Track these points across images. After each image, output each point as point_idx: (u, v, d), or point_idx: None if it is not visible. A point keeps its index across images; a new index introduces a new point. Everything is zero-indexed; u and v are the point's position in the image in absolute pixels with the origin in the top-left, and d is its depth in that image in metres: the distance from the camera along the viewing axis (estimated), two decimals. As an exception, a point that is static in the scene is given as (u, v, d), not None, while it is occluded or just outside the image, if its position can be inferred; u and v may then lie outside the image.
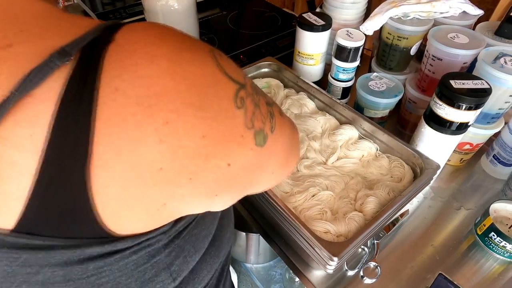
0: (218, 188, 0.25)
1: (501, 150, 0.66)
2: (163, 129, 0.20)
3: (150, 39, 0.22)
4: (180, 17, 0.76)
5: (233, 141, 0.24)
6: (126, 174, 0.21)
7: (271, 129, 0.28)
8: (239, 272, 1.09)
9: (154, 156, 0.21)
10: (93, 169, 0.20)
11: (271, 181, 0.35)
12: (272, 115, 0.29)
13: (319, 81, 0.88)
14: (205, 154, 0.22)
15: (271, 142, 0.28)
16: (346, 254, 0.45)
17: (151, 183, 0.21)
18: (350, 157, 0.63)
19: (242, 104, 0.24)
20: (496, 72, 0.56)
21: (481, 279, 0.55)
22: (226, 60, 0.25)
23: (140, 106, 0.20)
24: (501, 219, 0.59)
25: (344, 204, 0.55)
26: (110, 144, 0.20)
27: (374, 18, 0.72)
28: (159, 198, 0.23)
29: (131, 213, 0.23)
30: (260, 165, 0.29)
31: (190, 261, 0.32)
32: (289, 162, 0.36)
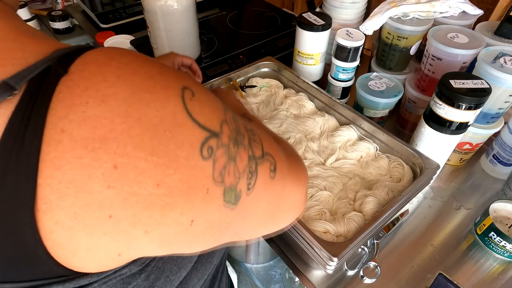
0: (179, 244, 0.23)
1: (501, 150, 0.66)
2: (112, 174, 0.19)
3: (104, 76, 0.19)
4: (180, 17, 0.76)
5: (196, 195, 0.21)
6: (69, 220, 0.19)
7: (249, 186, 0.25)
8: (239, 272, 1.09)
9: (102, 202, 0.19)
10: (38, 212, 0.19)
11: (253, 235, 0.32)
12: (252, 172, 0.25)
13: (319, 81, 0.88)
14: (161, 205, 0.20)
15: (247, 201, 0.25)
16: (345, 254, 0.45)
17: (100, 232, 0.20)
18: (349, 158, 0.63)
19: (210, 154, 0.22)
20: (496, 71, 0.56)
21: (481, 278, 0.55)
22: (200, 102, 0.22)
23: (86, 149, 0.18)
24: (500, 219, 0.59)
25: (343, 204, 0.55)
26: (53, 188, 0.18)
27: (374, 18, 0.72)
28: (112, 249, 0.21)
29: (83, 261, 0.21)
30: (233, 225, 0.26)
31: (175, 278, 0.30)
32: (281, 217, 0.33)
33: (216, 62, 0.88)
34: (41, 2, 1.23)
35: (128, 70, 0.20)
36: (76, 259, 0.21)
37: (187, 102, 0.21)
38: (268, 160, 0.28)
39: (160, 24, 0.76)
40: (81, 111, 0.19)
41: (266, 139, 0.30)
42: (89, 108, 0.19)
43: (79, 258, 0.21)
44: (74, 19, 1.10)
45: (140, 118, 0.19)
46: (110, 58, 0.21)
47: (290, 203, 0.34)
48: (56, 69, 0.19)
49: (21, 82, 0.19)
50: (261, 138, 0.29)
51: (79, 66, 0.20)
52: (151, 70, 0.21)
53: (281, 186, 0.31)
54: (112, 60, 0.20)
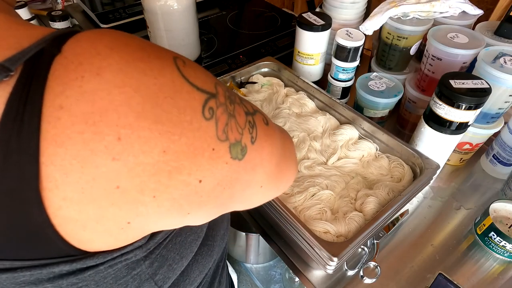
0: (190, 206, 0.23)
1: (501, 150, 0.66)
2: (116, 146, 0.19)
3: (97, 49, 0.20)
4: (180, 17, 0.76)
5: (202, 155, 0.22)
6: (77, 195, 0.19)
7: (251, 140, 0.26)
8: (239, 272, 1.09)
9: (108, 175, 0.19)
10: (43, 191, 0.19)
11: (262, 195, 0.33)
12: (252, 125, 0.27)
13: (318, 81, 0.88)
14: (168, 170, 0.20)
15: (252, 154, 0.26)
16: (346, 254, 0.45)
17: (108, 203, 0.20)
18: (351, 157, 0.63)
19: (212, 115, 0.22)
20: (496, 71, 0.56)
21: (481, 278, 0.55)
22: (192, 68, 0.23)
23: (86, 123, 0.18)
24: (500, 219, 0.59)
25: (344, 203, 0.55)
26: (57, 165, 0.19)
27: (374, 18, 0.72)
28: (121, 217, 0.21)
29: (92, 234, 0.21)
30: (241, 179, 0.26)
31: (177, 267, 0.30)
32: (282, 173, 0.34)
33: (216, 62, 0.88)
34: (41, 2, 1.23)
35: (120, 43, 0.21)
36: (86, 232, 0.21)
37: (182, 68, 0.22)
38: (259, 114, 0.29)
39: (160, 24, 0.76)
40: (78, 86, 0.19)
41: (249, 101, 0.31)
42: (85, 82, 0.19)
43: (89, 231, 0.21)
44: (74, 19, 1.10)
45: (138, 87, 0.19)
46: (101, 34, 0.21)
47: (289, 154, 0.35)
48: (50, 50, 0.20)
49: (17, 63, 0.19)
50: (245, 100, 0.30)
51: (72, 44, 0.20)
52: (142, 43, 0.22)
53: (278, 134, 0.32)
54: (103, 35, 0.21)
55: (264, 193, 0.33)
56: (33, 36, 0.21)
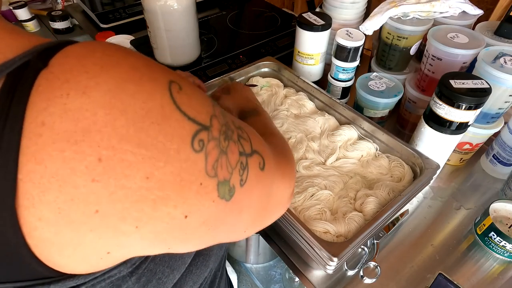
0: (173, 241, 0.22)
1: (501, 150, 0.66)
2: (97, 167, 0.18)
3: (86, 67, 0.19)
4: (180, 17, 0.76)
5: (189, 188, 0.21)
6: (54, 216, 0.18)
7: (241, 182, 0.25)
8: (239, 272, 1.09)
9: (87, 196, 0.18)
10: (19, 209, 0.18)
11: (246, 234, 0.32)
12: (244, 167, 0.25)
13: (318, 81, 0.88)
14: (152, 199, 0.20)
15: (240, 196, 0.25)
16: (345, 254, 0.45)
17: (86, 228, 0.19)
18: (349, 158, 0.63)
19: (201, 147, 0.21)
20: (496, 71, 0.56)
21: (481, 278, 0.55)
22: (188, 96, 0.22)
23: (68, 142, 0.18)
24: (500, 219, 0.59)
25: (343, 203, 0.55)
26: (35, 183, 0.18)
27: (374, 18, 0.72)
28: (100, 246, 0.20)
29: (70, 259, 0.20)
30: (227, 221, 0.25)
31: (168, 281, 0.29)
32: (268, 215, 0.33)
33: (216, 62, 0.88)
34: (41, 2, 1.23)
35: (112, 61, 0.20)
36: (62, 257, 0.20)
37: (175, 95, 0.21)
38: (257, 157, 0.28)
39: (160, 24, 0.76)
40: (62, 103, 0.18)
41: (255, 137, 0.30)
42: (70, 100, 0.18)
43: (65, 257, 0.20)
44: (74, 19, 1.10)
45: (125, 110, 0.19)
46: (92, 50, 0.20)
47: (278, 199, 0.34)
48: (36, 63, 0.19)
49: (0, 75, 0.18)
50: (250, 135, 0.29)
51: (60, 59, 0.19)
52: (136, 62, 0.21)
53: (270, 182, 0.31)
54: (94, 52, 0.20)
55: (248, 232, 0.32)
56: (19, 46, 0.20)
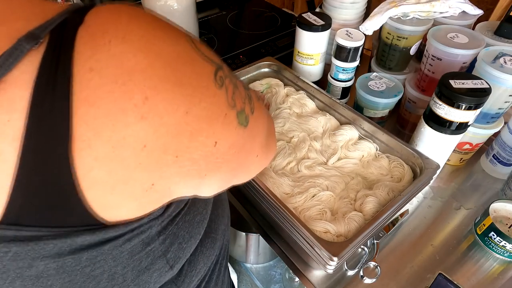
0: (207, 167, 0.25)
1: (501, 150, 0.66)
2: (143, 105, 0.20)
3: (120, 19, 0.21)
4: (180, 17, 0.76)
5: (218, 119, 0.24)
6: (109, 154, 0.20)
7: (251, 110, 0.29)
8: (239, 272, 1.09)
9: (137, 133, 0.20)
10: (75, 152, 0.19)
11: (257, 165, 0.36)
12: (250, 98, 0.29)
13: (318, 81, 0.88)
14: (189, 131, 0.22)
15: (252, 123, 0.29)
16: (346, 254, 0.45)
17: (136, 163, 0.21)
18: (351, 158, 0.63)
19: (222, 83, 0.24)
20: (496, 71, 0.56)
21: (481, 278, 0.55)
22: (201, 43, 0.25)
23: (116, 83, 0.19)
24: (500, 219, 0.59)
25: (344, 204, 0.55)
26: (89, 125, 0.19)
27: (374, 18, 0.72)
28: (147, 178, 0.22)
29: (119, 197, 0.22)
30: (246, 146, 0.29)
31: (186, 247, 0.31)
32: (269, 146, 0.37)
33: (216, 62, 0.88)
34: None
35: (138, 13, 0.22)
36: (113, 195, 0.22)
37: (194, 41, 0.24)
38: (252, 90, 0.33)
39: (160, 24, 0.76)
40: (106, 50, 0.20)
41: None
42: (113, 46, 0.20)
43: (116, 194, 0.22)
44: (74, 19, 1.10)
45: (159, 53, 0.21)
46: (119, 6, 0.22)
47: (272, 129, 0.39)
48: (73, 20, 0.21)
49: (45, 31, 0.20)
50: None
51: (94, 15, 0.21)
52: (155, 16, 0.23)
53: (264, 110, 0.35)
54: (122, 7, 0.22)
55: (258, 163, 0.35)
56: (55, 8, 0.22)
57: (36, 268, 0.23)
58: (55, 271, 0.23)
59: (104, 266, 0.25)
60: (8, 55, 0.19)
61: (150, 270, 0.28)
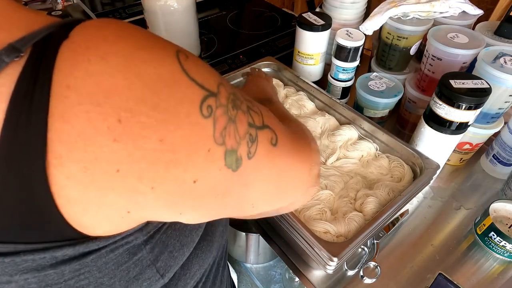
0: (184, 205, 0.24)
1: (501, 150, 0.66)
2: (117, 127, 0.19)
3: (104, 36, 0.21)
4: (180, 17, 0.76)
5: (198, 153, 0.22)
6: (80, 174, 0.20)
7: (248, 154, 0.25)
8: (239, 272, 1.09)
9: (109, 156, 0.20)
10: (49, 168, 0.19)
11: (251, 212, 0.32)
12: (253, 139, 0.25)
13: (319, 81, 0.88)
14: (165, 162, 0.21)
15: (248, 170, 0.25)
16: (346, 254, 0.45)
17: (109, 187, 0.20)
18: (350, 158, 0.63)
19: (210, 113, 0.22)
20: (496, 71, 0.56)
21: (481, 278, 0.55)
22: (195, 64, 0.23)
23: (92, 104, 0.19)
24: (500, 219, 0.59)
25: (343, 203, 0.55)
26: (63, 142, 0.19)
27: (374, 18, 0.72)
28: (121, 205, 0.21)
29: (94, 219, 0.21)
30: (234, 192, 0.26)
31: (178, 256, 0.30)
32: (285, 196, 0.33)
33: (216, 62, 0.88)
34: (41, 2, 1.23)
35: (126, 32, 0.21)
36: (87, 217, 0.21)
37: (183, 62, 0.22)
38: (269, 132, 0.28)
39: (160, 24, 0.76)
40: (85, 68, 0.19)
41: (267, 113, 0.30)
42: (92, 65, 0.20)
43: (90, 216, 0.21)
44: (74, 19, 1.10)
45: (140, 74, 0.20)
46: (108, 23, 0.22)
47: (295, 181, 0.34)
48: (58, 34, 0.21)
49: (27, 45, 0.20)
50: (261, 110, 0.29)
51: (80, 30, 0.21)
52: (146, 33, 0.23)
53: (283, 160, 0.30)
54: (110, 24, 0.22)
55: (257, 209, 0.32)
56: (41, 21, 0.22)
57: (16, 283, 0.22)
58: (37, 285, 0.23)
59: (89, 278, 0.24)
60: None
61: (139, 280, 0.27)
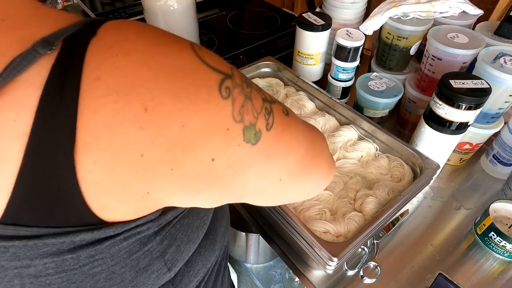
0: (202, 184, 0.25)
1: (501, 150, 0.66)
2: (143, 116, 0.21)
3: (127, 36, 0.22)
4: (180, 17, 0.76)
5: (217, 134, 0.23)
6: (107, 160, 0.21)
7: (267, 126, 0.26)
8: (239, 272, 1.09)
9: (135, 142, 0.21)
10: (77, 155, 0.20)
11: (283, 192, 0.32)
12: (269, 112, 0.27)
13: (319, 81, 0.88)
14: (184, 145, 0.22)
15: (267, 141, 0.26)
16: (345, 254, 0.45)
17: (133, 169, 0.22)
18: (349, 158, 0.63)
19: (228, 94, 0.23)
20: (496, 71, 0.56)
21: (481, 278, 0.55)
22: (207, 52, 0.25)
23: (119, 94, 0.20)
24: (500, 219, 0.59)
25: (343, 204, 0.55)
26: (92, 130, 0.20)
27: (374, 18, 0.72)
28: (142, 186, 0.23)
29: (116, 200, 0.23)
30: (254, 166, 0.26)
31: (184, 250, 0.31)
32: (309, 171, 0.32)
33: (216, 62, 0.88)
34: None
35: (144, 31, 0.23)
36: (110, 198, 0.22)
37: (198, 52, 0.24)
38: (280, 105, 0.29)
39: (160, 24, 0.76)
40: (111, 62, 0.21)
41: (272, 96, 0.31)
42: (118, 60, 0.21)
43: (113, 197, 0.22)
44: (74, 19, 1.10)
45: (161, 67, 0.22)
46: (128, 23, 0.24)
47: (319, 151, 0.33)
48: (87, 31, 0.22)
49: (58, 39, 0.21)
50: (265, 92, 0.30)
51: (106, 29, 0.23)
52: (161, 31, 0.24)
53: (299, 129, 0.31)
54: (130, 24, 0.24)
55: (286, 190, 0.32)
56: (68, 19, 0.24)
57: (34, 267, 0.23)
58: (54, 270, 0.24)
59: (102, 265, 0.25)
60: (22, 58, 0.20)
61: (148, 271, 0.29)
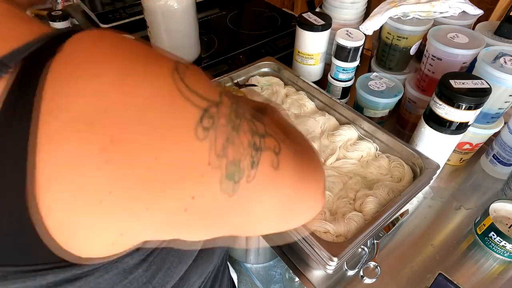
0: (180, 227, 0.22)
1: (501, 150, 0.66)
2: (109, 148, 0.18)
3: (99, 52, 0.19)
4: (180, 17, 0.76)
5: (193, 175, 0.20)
6: (70, 197, 0.18)
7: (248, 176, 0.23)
8: (239, 272, 1.09)
9: (101, 178, 0.18)
10: (38, 190, 0.18)
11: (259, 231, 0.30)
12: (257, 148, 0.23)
13: (318, 81, 0.88)
14: (160, 181, 0.20)
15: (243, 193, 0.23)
16: (345, 254, 0.45)
17: (100, 209, 0.19)
18: (349, 158, 0.63)
19: (206, 135, 0.20)
20: (496, 71, 0.56)
21: (481, 278, 0.55)
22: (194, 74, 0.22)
23: (84, 123, 0.18)
24: (500, 219, 0.59)
25: (343, 204, 0.55)
26: (52, 164, 0.18)
27: (374, 18, 0.72)
28: (114, 227, 0.20)
29: (85, 242, 0.20)
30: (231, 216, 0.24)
31: (176, 271, 0.29)
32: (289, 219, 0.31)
33: (216, 62, 0.88)
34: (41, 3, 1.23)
35: (121, 46, 0.20)
36: (77, 239, 0.20)
37: (181, 75, 0.21)
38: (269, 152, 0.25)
39: (160, 24, 0.76)
40: (76, 86, 0.18)
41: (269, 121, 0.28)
42: (84, 83, 0.18)
43: (81, 238, 0.20)
44: (74, 19, 1.10)
45: (134, 93, 0.19)
46: (102, 36, 0.20)
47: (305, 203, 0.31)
48: (50, 48, 0.19)
49: (15, 60, 0.19)
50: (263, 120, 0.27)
51: (73, 44, 0.19)
52: (142, 49, 0.21)
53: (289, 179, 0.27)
54: (104, 37, 0.20)
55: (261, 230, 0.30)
56: (33, 32, 0.21)
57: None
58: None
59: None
60: None
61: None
